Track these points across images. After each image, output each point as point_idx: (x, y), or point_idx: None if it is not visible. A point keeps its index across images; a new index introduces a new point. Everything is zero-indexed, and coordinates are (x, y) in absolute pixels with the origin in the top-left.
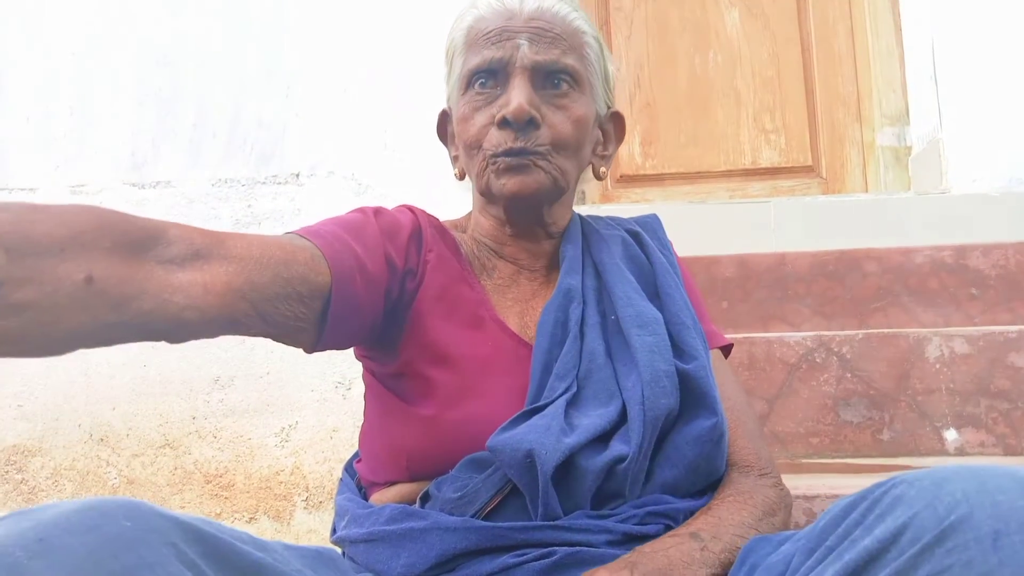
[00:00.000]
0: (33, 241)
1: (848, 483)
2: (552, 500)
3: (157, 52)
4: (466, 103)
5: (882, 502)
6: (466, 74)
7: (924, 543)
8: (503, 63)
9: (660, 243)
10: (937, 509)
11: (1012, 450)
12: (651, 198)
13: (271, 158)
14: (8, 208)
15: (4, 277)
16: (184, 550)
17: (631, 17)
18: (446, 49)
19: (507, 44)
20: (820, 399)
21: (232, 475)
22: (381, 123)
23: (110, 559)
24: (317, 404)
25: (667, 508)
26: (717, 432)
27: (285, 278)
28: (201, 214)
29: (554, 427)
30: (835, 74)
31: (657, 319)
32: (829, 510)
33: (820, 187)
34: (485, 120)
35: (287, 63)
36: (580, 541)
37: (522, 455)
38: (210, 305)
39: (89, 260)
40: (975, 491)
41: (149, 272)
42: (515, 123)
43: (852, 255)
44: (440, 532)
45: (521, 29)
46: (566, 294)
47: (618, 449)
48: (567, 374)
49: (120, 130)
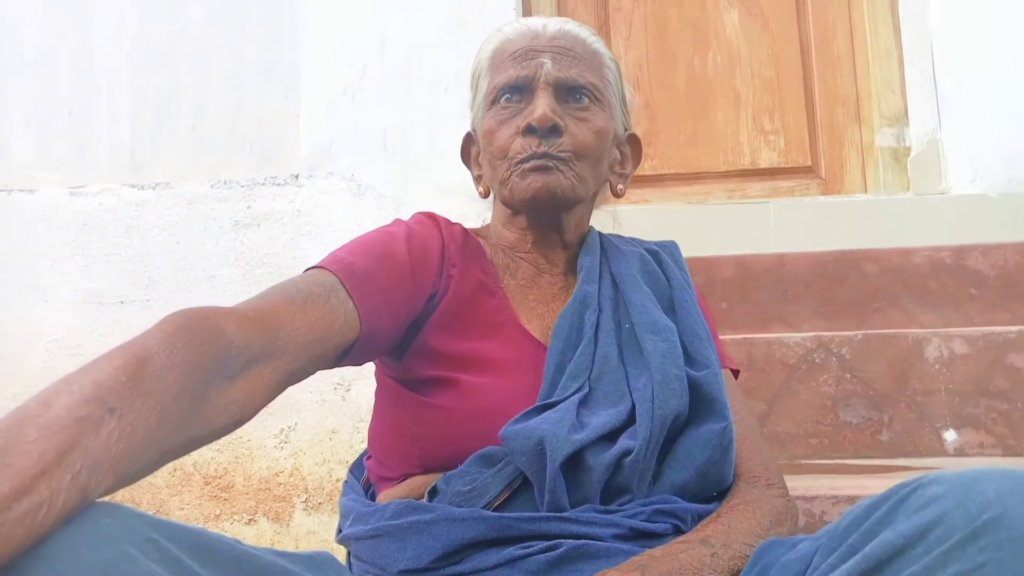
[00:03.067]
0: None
1: (847, 484)
2: (560, 491)
3: (156, 53)
4: (492, 117)
5: (909, 500)
6: (492, 91)
7: (956, 540)
8: (528, 80)
9: (678, 265)
10: (968, 508)
11: (1011, 451)
12: (650, 199)
13: (270, 159)
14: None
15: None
16: (166, 546)
17: (630, 18)
18: (472, 73)
19: (531, 63)
20: (819, 400)
21: (231, 476)
22: (380, 124)
23: (90, 552)
24: (316, 405)
25: (675, 507)
26: (727, 437)
27: (320, 353)
28: (200, 215)
29: (566, 421)
30: (834, 75)
31: (671, 328)
32: (852, 509)
33: (819, 188)
34: (511, 131)
35: (286, 64)
36: (587, 534)
37: (533, 443)
38: (246, 414)
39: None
40: (1008, 492)
41: (207, 404)
42: (540, 129)
43: (851, 256)
44: (447, 523)
45: (545, 48)
46: (583, 300)
47: (625, 443)
48: (580, 375)
49: (119, 131)
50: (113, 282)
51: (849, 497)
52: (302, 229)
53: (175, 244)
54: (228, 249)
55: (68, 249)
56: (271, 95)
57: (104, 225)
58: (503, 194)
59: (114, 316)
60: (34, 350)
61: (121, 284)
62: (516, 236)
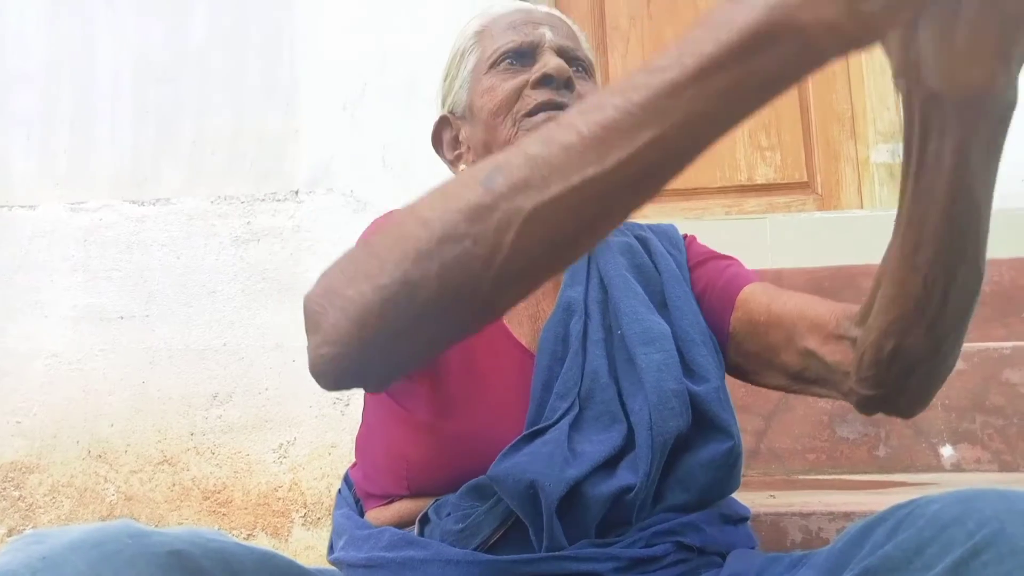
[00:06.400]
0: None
1: (844, 499)
2: (557, 532)
3: (157, 69)
4: (492, 77)
5: (906, 521)
6: (492, 54)
7: (958, 556)
8: (532, 45)
9: (677, 248)
10: (967, 524)
11: (1007, 466)
12: (647, 213)
13: (270, 175)
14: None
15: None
16: (187, 561)
17: (627, 35)
18: (450, 59)
19: (533, 31)
20: (816, 415)
21: (230, 491)
22: (380, 140)
23: (110, 573)
24: (315, 420)
25: (672, 524)
26: (732, 456)
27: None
28: (200, 231)
29: (557, 456)
30: (829, 91)
31: (665, 334)
32: (848, 531)
33: (815, 203)
34: (516, 85)
35: (286, 80)
36: (586, 571)
37: (524, 487)
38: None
39: None
40: (1005, 510)
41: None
42: (557, 79)
43: (848, 271)
44: (441, 564)
45: (542, 21)
46: (566, 308)
47: (625, 479)
48: (568, 393)
49: (120, 147)
50: (113, 297)
51: (845, 513)
52: (302, 245)
53: (175, 260)
54: (228, 264)
55: (68, 264)
56: (271, 111)
57: (104, 241)
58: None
59: (114, 331)
60: (34, 365)
61: (121, 299)
62: None
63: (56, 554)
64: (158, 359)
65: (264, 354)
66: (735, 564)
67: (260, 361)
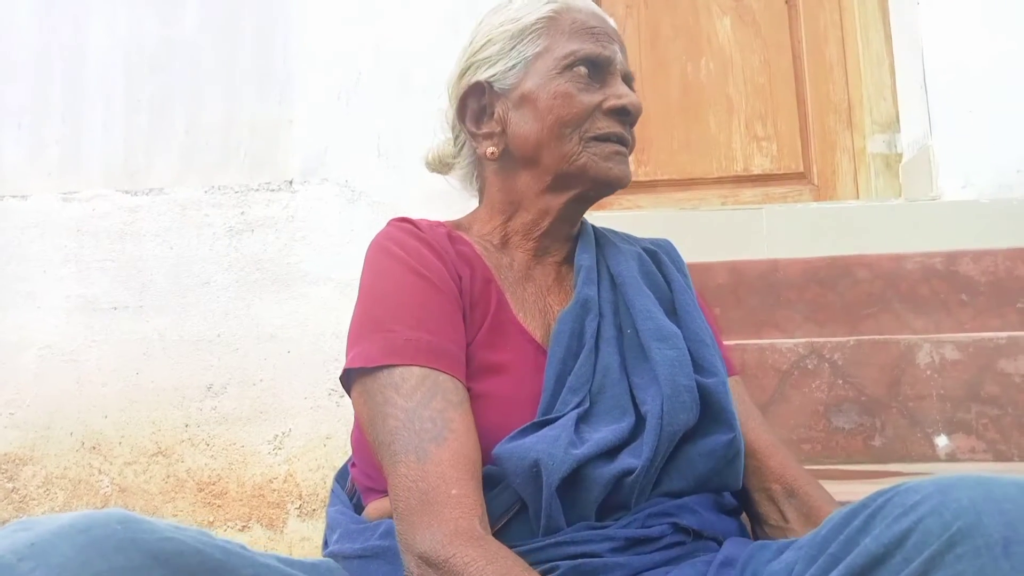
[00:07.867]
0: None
1: (840, 489)
2: (556, 512)
3: (149, 59)
4: (567, 82)
5: (885, 509)
6: (569, 55)
7: (934, 549)
8: (608, 62)
9: (677, 266)
10: (943, 515)
11: (1002, 456)
12: (643, 205)
13: (264, 165)
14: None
15: None
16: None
17: (623, 25)
18: (502, 25)
19: (609, 46)
20: (812, 405)
21: (225, 483)
22: (374, 130)
23: (98, 559)
24: (310, 411)
25: (668, 507)
26: (733, 449)
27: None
28: (194, 221)
29: (563, 438)
30: (826, 82)
31: (676, 334)
32: (831, 518)
33: (812, 194)
34: (592, 103)
35: (280, 70)
36: (583, 552)
37: (528, 465)
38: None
39: None
40: (982, 499)
41: None
42: (632, 116)
43: (843, 261)
44: None
45: (614, 37)
46: (583, 305)
47: (627, 462)
48: (580, 388)
49: (112, 137)
50: (106, 288)
51: (841, 503)
52: (296, 235)
53: (168, 250)
54: (222, 255)
55: (61, 255)
56: (265, 101)
57: (97, 231)
58: (562, 165)
59: (107, 322)
60: (27, 356)
61: (114, 290)
62: (532, 216)
63: (44, 540)
64: (152, 350)
65: (259, 345)
66: (730, 548)
67: (255, 352)
